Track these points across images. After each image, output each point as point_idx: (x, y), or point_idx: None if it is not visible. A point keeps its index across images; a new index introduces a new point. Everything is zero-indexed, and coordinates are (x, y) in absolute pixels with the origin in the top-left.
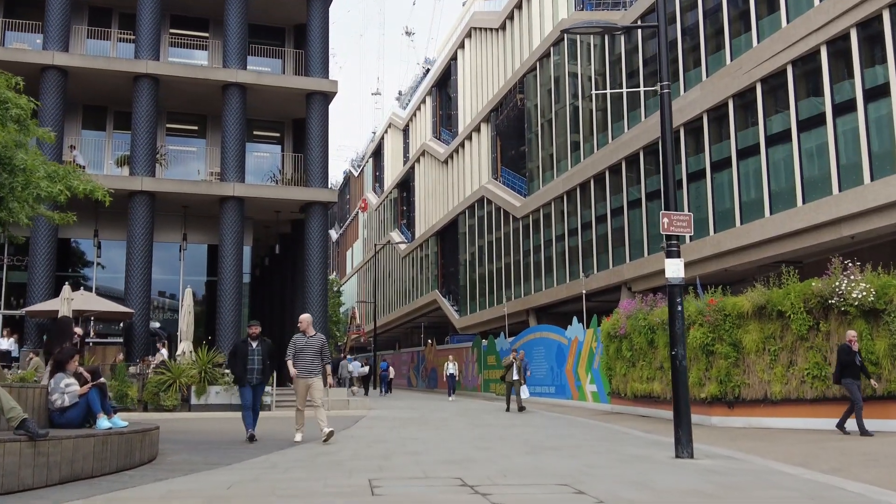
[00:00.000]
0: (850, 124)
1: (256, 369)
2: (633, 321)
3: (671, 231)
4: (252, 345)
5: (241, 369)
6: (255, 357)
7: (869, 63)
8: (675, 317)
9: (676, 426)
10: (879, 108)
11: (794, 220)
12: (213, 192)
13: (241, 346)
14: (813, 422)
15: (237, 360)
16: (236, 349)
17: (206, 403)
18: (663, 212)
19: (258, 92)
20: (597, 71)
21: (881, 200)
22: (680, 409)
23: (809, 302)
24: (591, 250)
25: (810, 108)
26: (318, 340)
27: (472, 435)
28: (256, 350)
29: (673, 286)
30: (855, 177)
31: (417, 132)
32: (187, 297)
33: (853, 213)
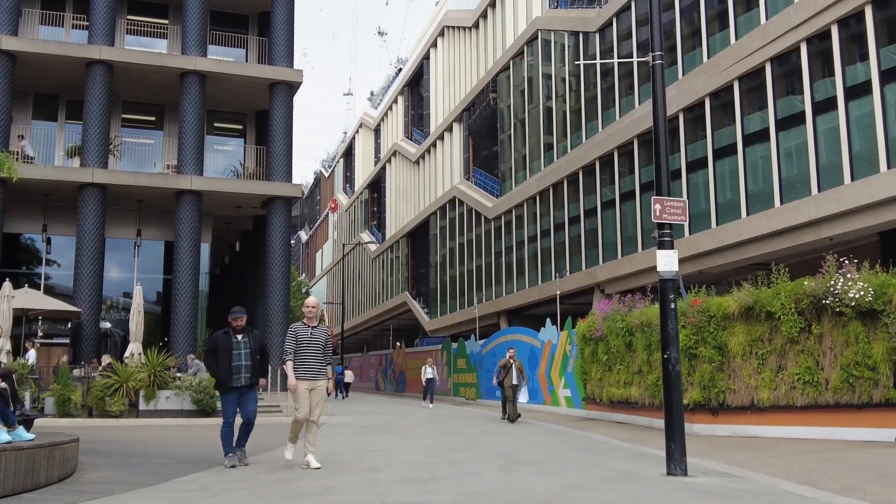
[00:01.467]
0: (830, 123)
1: (244, 366)
2: (609, 323)
3: (664, 219)
4: (237, 337)
5: (225, 369)
6: (241, 352)
7: (850, 60)
8: (667, 315)
9: (668, 439)
10: (861, 107)
11: (773, 221)
12: (170, 186)
13: (223, 339)
14: (803, 430)
15: (218, 356)
16: (217, 343)
17: (156, 409)
18: (655, 197)
19: (219, 81)
20: (570, 72)
21: (862, 201)
22: (672, 419)
23: (801, 302)
24: (563, 252)
25: (789, 107)
26: (323, 333)
27: (439, 445)
28: (243, 343)
29: (665, 281)
30: (835, 177)
31: (389, 132)
32: (137, 296)
33: (833, 213)
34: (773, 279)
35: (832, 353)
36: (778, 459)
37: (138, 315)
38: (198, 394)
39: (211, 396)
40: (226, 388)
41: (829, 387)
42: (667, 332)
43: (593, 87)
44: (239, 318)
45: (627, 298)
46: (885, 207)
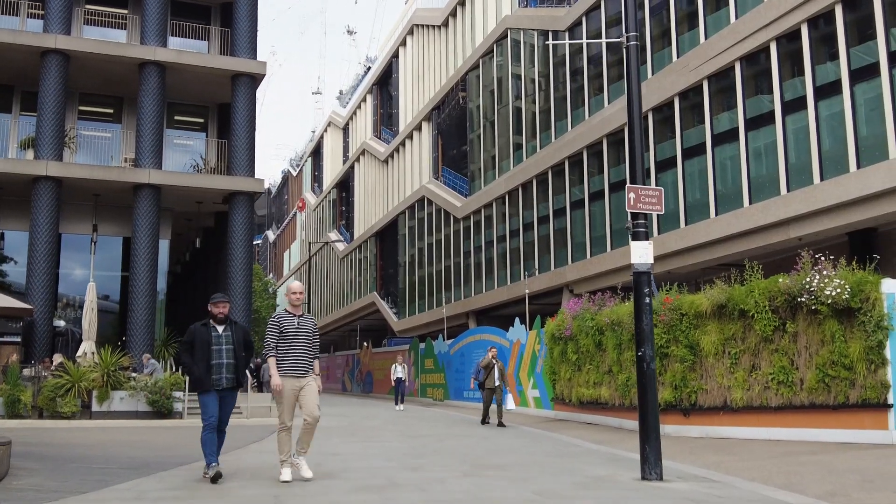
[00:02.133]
0: (800, 122)
1: (226, 365)
2: (579, 322)
3: (638, 208)
4: (217, 329)
5: (203, 366)
6: (223, 348)
7: (820, 60)
8: (641, 311)
9: (643, 441)
10: (831, 106)
11: (741, 221)
12: (127, 179)
13: (201, 331)
14: (777, 432)
15: (196, 351)
16: (194, 336)
17: (110, 410)
18: (629, 185)
19: (179, 72)
20: (540, 72)
21: (831, 201)
22: (647, 420)
23: (775, 300)
24: (532, 252)
25: (759, 107)
26: (310, 323)
27: (402, 448)
28: (224, 338)
29: (639, 273)
30: (804, 177)
31: (358, 131)
32: (90, 293)
33: (802, 213)
34: (746, 277)
35: (807, 352)
36: (754, 462)
37: (91, 313)
38: (153, 395)
39: (167, 398)
40: (203, 388)
41: (805, 387)
42: (641, 329)
43: (562, 86)
44: (221, 305)
45: (597, 297)
46: (855, 207)
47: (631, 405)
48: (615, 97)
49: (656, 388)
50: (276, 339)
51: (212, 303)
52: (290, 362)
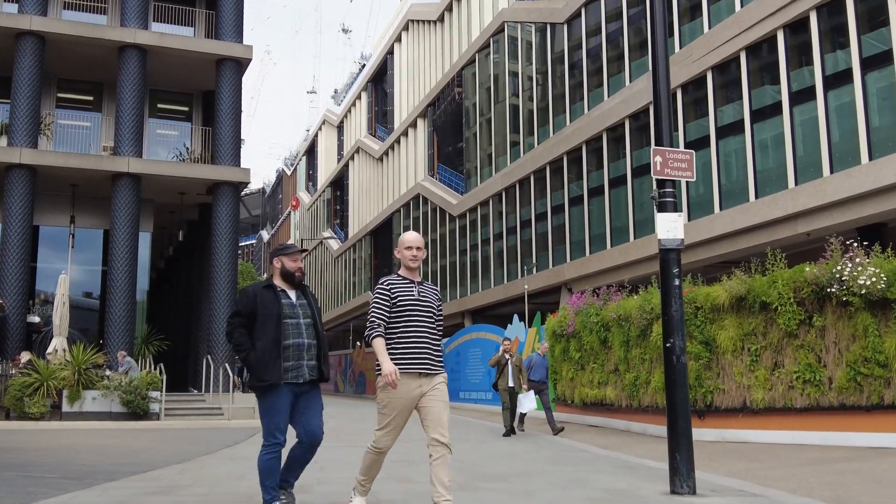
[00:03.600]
0: (808, 114)
1: (307, 347)
2: (583, 318)
3: (665, 174)
4: (290, 296)
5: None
6: (300, 322)
7: (829, 48)
8: (669, 294)
9: (672, 449)
10: (841, 96)
11: (746, 217)
12: (105, 168)
13: (267, 297)
14: (803, 435)
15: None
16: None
17: (81, 411)
18: (655, 147)
19: (162, 57)
20: (537, 67)
21: (842, 194)
22: (678, 425)
23: (801, 291)
24: (530, 250)
25: (765, 97)
26: (434, 296)
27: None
28: (301, 309)
29: (667, 251)
30: (813, 170)
31: (352, 129)
32: (62, 286)
33: (811, 208)
34: (767, 267)
35: (836, 348)
36: (786, 470)
37: (63, 307)
38: (127, 394)
39: (143, 398)
40: (271, 382)
41: (833, 386)
42: (670, 316)
43: (560, 81)
44: (297, 259)
45: (602, 291)
46: (866, 201)
47: (639, 407)
48: (615, 91)
49: (687, 386)
50: (386, 314)
51: (285, 255)
52: (408, 351)
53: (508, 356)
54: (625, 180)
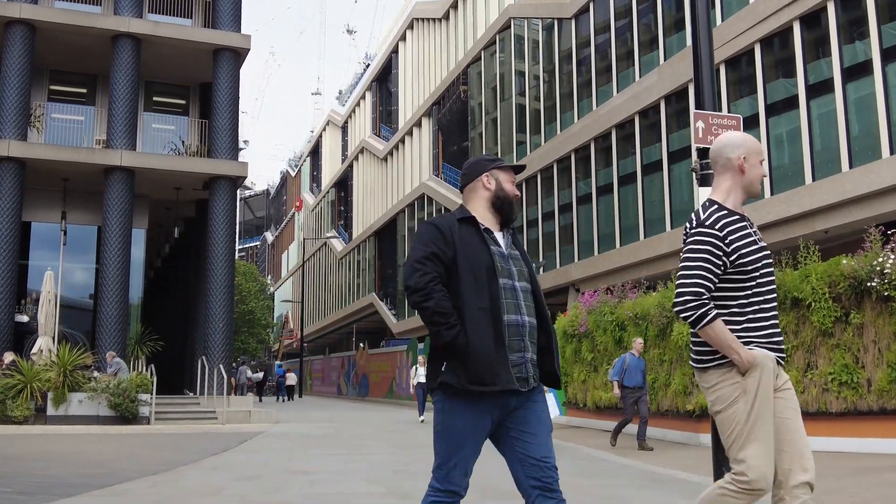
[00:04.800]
0: (826, 107)
1: (529, 330)
2: (596, 316)
3: (708, 143)
4: (499, 242)
5: (490, 330)
6: (515, 286)
7: (848, 39)
8: None
9: (719, 463)
10: (860, 88)
11: (762, 214)
12: (97, 161)
13: (468, 236)
14: (839, 442)
15: (465, 289)
16: (455, 245)
17: (66, 415)
18: (696, 112)
19: (156, 47)
20: (545, 63)
21: (862, 190)
22: None
23: (837, 286)
24: (536, 249)
25: (781, 91)
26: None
27: (392, 464)
28: (514, 263)
29: None
30: (831, 165)
31: (356, 129)
32: (47, 283)
33: (829, 204)
34: (800, 260)
35: (876, 347)
36: (831, 483)
37: (48, 305)
38: (115, 397)
39: (132, 400)
40: (483, 384)
41: (873, 389)
42: None
43: (568, 77)
44: (511, 178)
45: (617, 288)
46: (887, 197)
47: (658, 411)
48: (623, 86)
49: None
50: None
51: (500, 169)
52: (765, 332)
53: None
54: (634, 178)
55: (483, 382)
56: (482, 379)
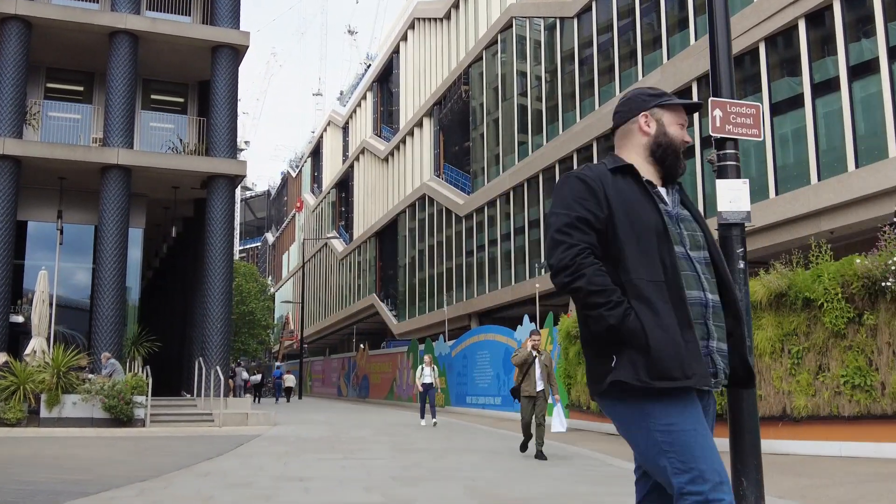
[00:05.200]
0: (832, 105)
1: (711, 308)
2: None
3: (727, 132)
4: (664, 197)
5: (675, 312)
6: (687, 252)
7: (854, 37)
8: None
9: (737, 472)
10: (866, 87)
11: (766, 214)
12: (93, 160)
13: (628, 190)
14: (851, 447)
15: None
16: (606, 197)
17: (60, 417)
18: (713, 99)
19: (154, 44)
20: (546, 62)
21: (868, 190)
22: (743, 440)
23: (850, 286)
24: (538, 250)
25: (786, 89)
26: None
27: (391, 469)
28: (682, 226)
29: (729, 227)
30: (837, 164)
31: (357, 130)
32: (41, 283)
33: (835, 204)
34: (811, 259)
35: (891, 349)
36: (848, 489)
37: (42, 305)
38: (110, 399)
39: (127, 403)
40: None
41: (887, 392)
42: None
43: (570, 77)
44: (680, 119)
45: None
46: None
47: None
48: (626, 85)
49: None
50: None
51: (665, 107)
52: None
53: (536, 353)
54: None
55: (671, 377)
56: (669, 372)
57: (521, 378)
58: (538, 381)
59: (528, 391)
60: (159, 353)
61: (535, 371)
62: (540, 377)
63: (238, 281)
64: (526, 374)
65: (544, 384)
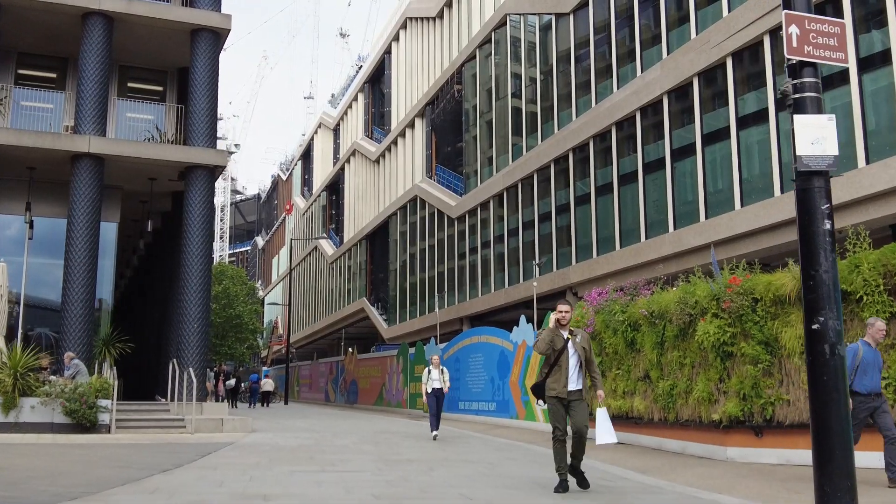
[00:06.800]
0: (841, 99)
1: None
2: (605, 316)
3: (805, 55)
4: None
5: None
6: None
7: (864, 29)
8: (816, 245)
9: (823, 496)
10: (878, 79)
11: (771, 213)
12: (63, 147)
13: None
14: None
15: None
16: None
17: (17, 422)
18: (788, 13)
19: (130, 27)
20: (541, 65)
21: (879, 187)
22: (834, 457)
23: (893, 277)
24: (532, 252)
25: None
26: None
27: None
28: None
29: (811, 176)
30: (846, 160)
31: (348, 132)
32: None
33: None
34: (848, 247)
35: None
36: None
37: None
38: (71, 402)
39: (90, 406)
40: None
41: None
42: (817, 280)
43: (566, 74)
44: None
45: (628, 285)
46: None
47: (676, 421)
48: (624, 82)
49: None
50: None
51: None
52: None
53: (568, 334)
54: (636, 177)
55: None
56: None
57: (547, 371)
58: (573, 373)
59: (556, 389)
60: (136, 356)
61: (569, 359)
62: (576, 368)
63: (225, 284)
64: (555, 364)
65: (579, 377)
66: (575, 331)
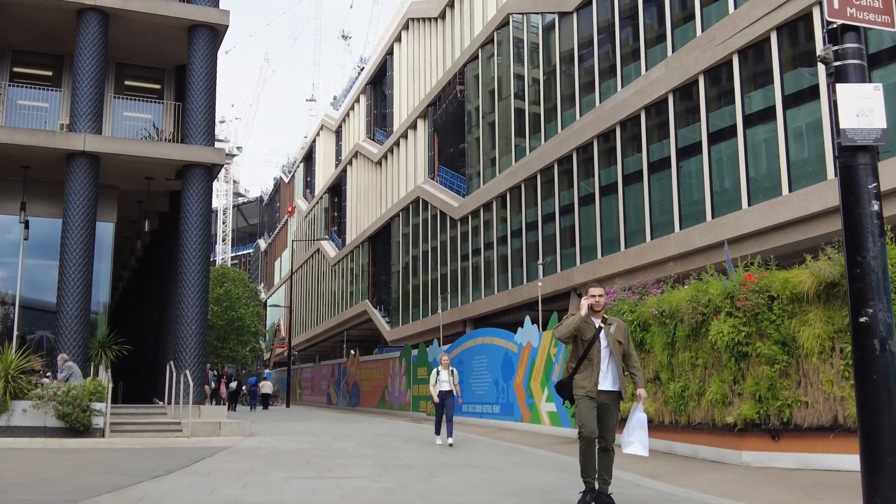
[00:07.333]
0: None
1: None
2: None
3: (848, 18)
4: None
5: None
6: None
7: None
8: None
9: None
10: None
11: (779, 212)
12: (58, 146)
13: None
14: None
15: None
16: None
17: (9, 426)
18: None
19: (127, 23)
20: (544, 65)
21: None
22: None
23: None
24: (536, 253)
25: (799, 81)
26: None
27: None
28: None
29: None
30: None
31: (351, 133)
32: None
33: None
34: None
35: None
36: None
37: None
38: (64, 406)
39: (84, 410)
40: None
41: None
42: (865, 268)
43: (569, 74)
44: None
45: (636, 284)
46: None
47: (688, 424)
48: (629, 81)
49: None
50: None
51: None
52: None
53: (601, 323)
54: (640, 176)
55: None
56: None
57: (574, 365)
58: (605, 369)
59: (586, 387)
60: (134, 359)
61: (601, 352)
62: (609, 363)
63: (227, 286)
64: (585, 357)
65: (616, 376)
66: (610, 319)
